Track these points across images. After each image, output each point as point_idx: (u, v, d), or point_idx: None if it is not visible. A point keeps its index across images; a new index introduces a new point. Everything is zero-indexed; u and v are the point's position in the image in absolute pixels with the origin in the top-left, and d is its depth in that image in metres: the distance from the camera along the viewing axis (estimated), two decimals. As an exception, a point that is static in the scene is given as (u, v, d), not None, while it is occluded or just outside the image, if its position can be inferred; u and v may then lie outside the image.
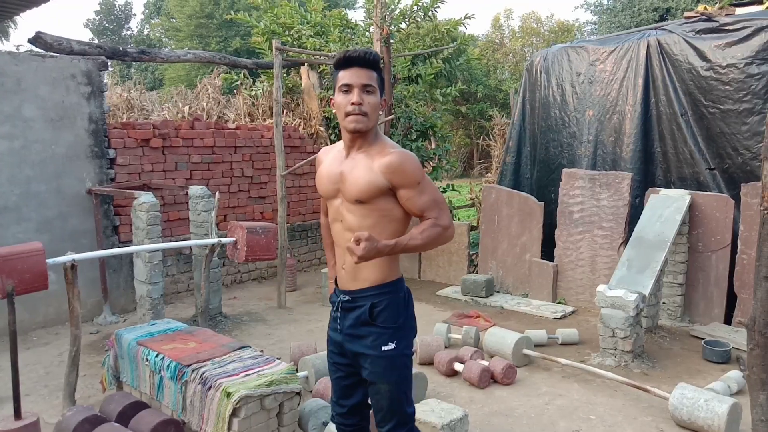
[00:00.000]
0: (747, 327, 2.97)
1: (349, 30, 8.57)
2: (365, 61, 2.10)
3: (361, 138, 2.15)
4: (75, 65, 5.48)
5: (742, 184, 5.05)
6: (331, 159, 2.27)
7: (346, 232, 2.16)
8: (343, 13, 8.76)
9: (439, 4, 8.45)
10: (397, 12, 8.38)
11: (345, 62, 2.11)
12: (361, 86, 2.08)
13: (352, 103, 2.07)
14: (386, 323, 2.20)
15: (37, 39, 5.49)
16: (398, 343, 2.20)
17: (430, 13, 8.56)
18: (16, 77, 5.09)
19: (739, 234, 5.01)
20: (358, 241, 1.94)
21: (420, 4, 8.48)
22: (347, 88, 2.09)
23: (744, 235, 4.95)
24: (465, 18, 8.80)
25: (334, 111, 2.17)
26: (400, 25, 8.50)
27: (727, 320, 5.11)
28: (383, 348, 2.19)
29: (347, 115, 2.09)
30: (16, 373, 3.29)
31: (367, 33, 8.57)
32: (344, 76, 2.10)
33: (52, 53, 5.52)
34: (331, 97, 2.19)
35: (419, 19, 8.49)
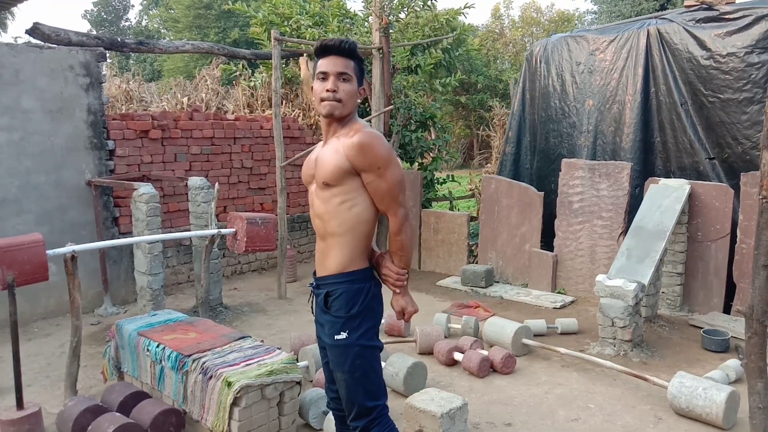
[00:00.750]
0: (745, 315, 2.99)
1: (348, 20, 8.53)
2: (341, 49, 2.14)
3: (336, 123, 2.20)
4: (73, 56, 5.46)
5: (741, 173, 5.04)
6: (316, 148, 2.35)
7: (317, 218, 2.26)
8: (341, 3, 8.71)
9: (438, -6, 8.40)
10: (396, 2, 8.33)
11: (322, 50, 2.17)
12: (337, 74, 2.13)
13: (327, 90, 2.12)
14: (339, 312, 2.20)
15: (35, 30, 5.47)
16: (350, 333, 2.17)
17: (429, 3, 8.51)
18: (14, 69, 5.08)
19: (738, 223, 5.02)
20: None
21: (419, -7, 8.43)
22: (323, 76, 2.15)
23: (743, 224, 4.96)
24: (464, 7, 8.76)
25: (312, 99, 2.25)
26: (399, 15, 8.46)
27: (726, 309, 5.13)
28: (336, 337, 2.20)
29: (322, 100, 2.15)
30: (18, 363, 3.31)
31: (365, 23, 8.53)
32: (321, 64, 2.17)
33: (50, 44, 5.49)
34: (312, 85, 2.21)
35: (418, 9, 8.44)
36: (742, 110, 5.33)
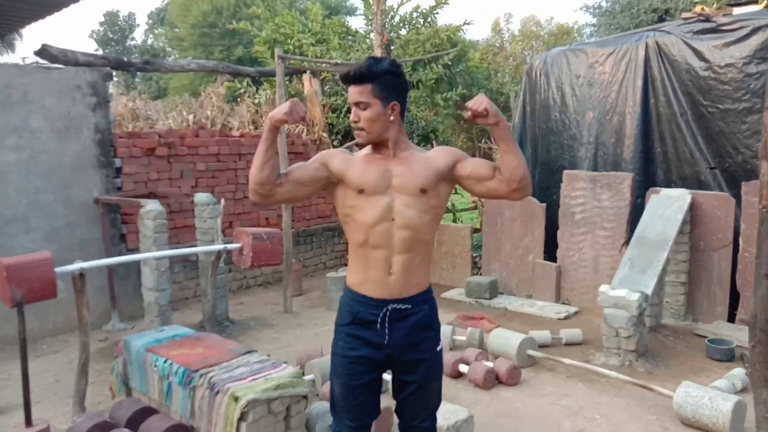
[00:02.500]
0: (748, 324, 3.00)
1: (349, 37, 8.64)
2: (354, 78, 2.14)
3: (384, 145, 2.20)
4: (80, 76, 5.55)
5: (742, 182, 5.07)
6: (365, 159, 2.20)
7: (400, 230, 2.12)
8: (342, 21, 8.83)
9: (438, 11, 8.51)
10: (396, 19, 8.44)
11: (343, 81, 2.21)
12: (355, 104, 2.15)
13: (353, 122, 2.18)
14: (437, 325, 2.28)
15: (43, 51, 5.57)
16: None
17: (429, 19, 8.62)
18: (22, 89, 5.17)
19: (740, 232, 5.04)
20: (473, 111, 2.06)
21: (419, 10, 8.54)
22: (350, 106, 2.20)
23: (745, 233, 4.97)
24: (463, 24, 8.86)
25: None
26: (400, 32, 8.56)
27: (731, 318, 5.13)
28: (437, 349, 2.26)
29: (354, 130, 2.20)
30: (27, 380, 3.34)
31: (367, 39, 8.63)
32: (348, 95, 2.19)
33: (57, 65, 5.59)
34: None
35: (419, 26, 8.55)
36: (742, 120, 5.37)
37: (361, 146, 2.27)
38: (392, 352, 2.18)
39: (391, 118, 2.16)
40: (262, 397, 2.96)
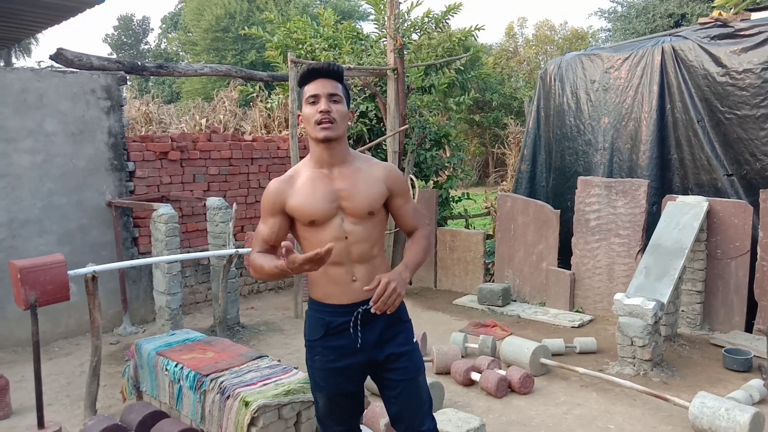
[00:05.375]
0: (767, 335, 2.94)
1: (360, 42, 8.65)
2: (329, 72, 2.12)
3: (336, 149, 2.15)
4: (95, 80, 5.59)
5: (760, 190, 4.99)
6: (308, 182, 2.16)
7: (355, 245, 2.15)
8: (353, 25, 8.84)
9: (450, 16, 8.50)
10: (408, 24, 8.44)
11: (309, 75, 2.14)
12: (328, 95, 2.10)
13: (320, 111, 2.07)
14: (407, 317, 2.31)
15: (59, 55, 5.62)
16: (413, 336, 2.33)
17: (441, 24, 8.61)
18: (38, 93, 5.21)
19: (758, 240, 4.95)
20: (381, 284, 1.99)
21: (431, 15, 8.54)
22: (314, 99, 2.10)
23: (764, 241, 4.89)
24: (475, 29, 8.84)
25: (302, 126, 2.18)
26: (412, 37, 8.56)
27: (748, 328, 5.04)
28: (414, 340, 2.28)
29: (317, 123, 2.09)
30: (39, 383, 3.36)
31: (379, 44, 8.63)
32: (310, 89, 2.12)
33: (72, 69, 5.64)
34: (299, 113, 2.19)
35: (430, 31, 8.54)
36: (760, 126, 5.29)
37: (325, 141, 2.12)
38: (368, 354, 2.19)
39: (349, 123, 2.20)
40: (272, 402, 2.94)
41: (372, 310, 2.01)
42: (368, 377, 2.31)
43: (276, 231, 2.19)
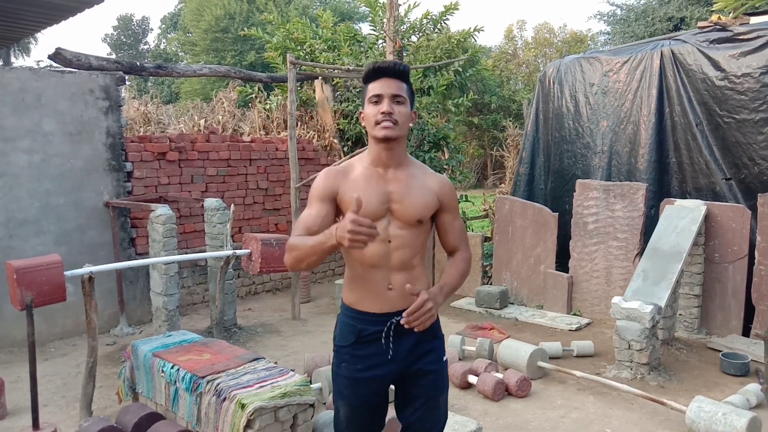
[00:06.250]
0: (764, 339, 2.94)
1: (359, 44, 8.65)
2: (395, 71, 2.05)
3: (395, 152, 2.09)
4: (93, 80, 5.58)
5: (759, 194, 5.00)
6: (361, 178, 2.10)
7: (397, 251, 2.07)
8: (351, 27, 8.85)
9: (448, 17, 8.51)
10: (406, 26, 8.44)
11: (374, 73, 2.06)
12: (391, 96, 2.02)
13: (382, 112, 2.01)
14: (442, 334, 2.23)
15: (57, 55, 5.61)
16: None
17: (439, 26, 8.61)
18: (36, 93, 5.20)
19: (756, 245, 4.95)
20: (419, 299, 1.92)
21: (429, 17, 8.54)
22: (377, 99, 2.03)
23: (761, 245, 4.90)
24: (474, 30, 8.84)
25: (362, 124, 2.12)
26: (411, 38, 8.56)
27: (746, 332, 5.04)
28: (443, 359, 2.20)
29: (377, 123, 2.02)
30: (35, 383, 3.34)
31: (377, 46, 8.63)
32: (374, 88, 2.04)
33: (71, 69, 5.63)
34: (360, 111, 2.13)
35: (428, 32, 8.54)
36: (759, 131, 5.30)
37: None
38: (398, 366, 2.12)
39: (411, 124, 2.12)
40: (268, 404, 2.93)
41: (402, 322, 1.94)
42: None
43: (323, 216, 2.07)
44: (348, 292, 2.17)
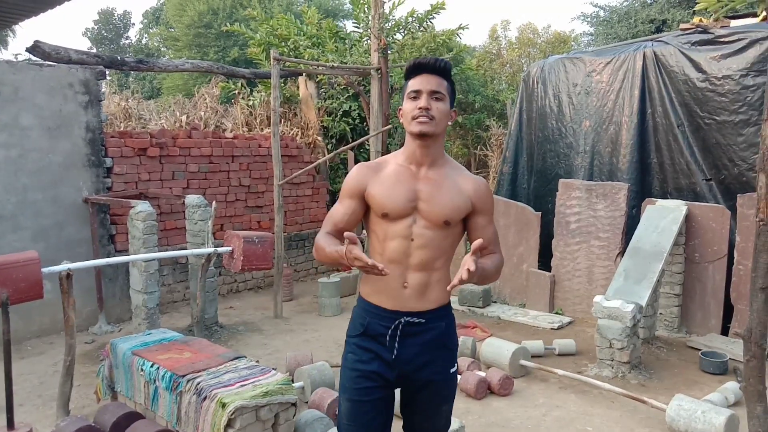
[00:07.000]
0: (743, 338, 2.98)
1: (343, 41, 8.62)
2: (435, 68, 2.02)
3: (431, 149, 2.05)
4: (73, 74, 5.48)
5: (738, 195, 5.06)
6: (392, 174, 2.07)
7: (418, 251, 2.02)
8: (334, 24, 8.82)
9: (434, 15, 8.51)
10: (391, 24, 8.42)
11: (414, 69, 2.04)
12: (430, 92, 1.99)
13: (419, 108, 1.98)
14: (453, 345, 2.14)
15: (36, 48, 5.50)
16: (456, 364, 2.18)
17: (425, 24, 8.61)
18: (13, 86, 5.10)
19: (735, 245, 5.02)
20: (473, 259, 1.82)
21: (415, 15, 8.53)
22: (416, 95, 2.01)
23: (740, 245, 4.96)
24: (459, 29, 8.85)
25: (401, 120, 2.08)
26: (396, 36, 8.54)
27: (725, 331, 5.11)
28: (451, 370, 2.12)
29: (413, 119, 2.00)
30: (10, 382, 3.27)
31: (359, 43, 8.60)
32: (413, 84, 2.03)
33: (50, 62, 5.52)
34: (399, 108, 2.10)
35: (414, 30, 8.54)
36: (738, 132, 5.36)
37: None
38: (402, 369, 2.05)
39: (449, 122, 2.08)
40: (250, 404, 2.90)
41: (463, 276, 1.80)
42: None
43: (350, 214, 2.07)
44: (364, 283, 2.14)
